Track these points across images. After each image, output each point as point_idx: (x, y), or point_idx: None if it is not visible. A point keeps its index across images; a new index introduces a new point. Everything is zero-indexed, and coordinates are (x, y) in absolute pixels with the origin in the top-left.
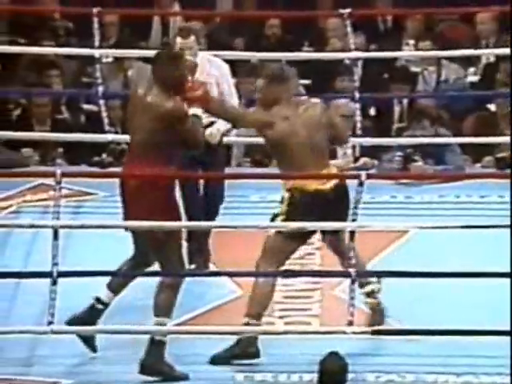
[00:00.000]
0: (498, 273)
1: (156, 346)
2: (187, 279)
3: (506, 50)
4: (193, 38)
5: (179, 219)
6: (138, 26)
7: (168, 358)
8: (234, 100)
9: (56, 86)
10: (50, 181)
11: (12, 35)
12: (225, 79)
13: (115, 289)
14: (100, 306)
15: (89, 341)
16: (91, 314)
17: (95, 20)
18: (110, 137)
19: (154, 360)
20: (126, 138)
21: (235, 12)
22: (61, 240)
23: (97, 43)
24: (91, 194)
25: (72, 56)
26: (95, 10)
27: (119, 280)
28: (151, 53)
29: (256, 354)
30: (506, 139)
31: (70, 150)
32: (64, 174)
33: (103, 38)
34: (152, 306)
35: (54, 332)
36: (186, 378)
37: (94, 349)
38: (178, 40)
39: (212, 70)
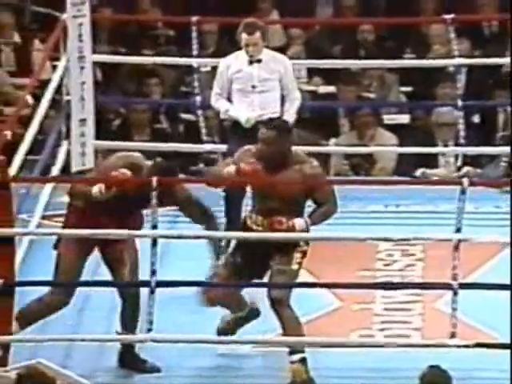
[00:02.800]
0: None
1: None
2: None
3: None
4: (258, 34)
5: None
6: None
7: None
8: (295, 95)
9: (155, 96)
10: None
11: (113, 45)
12: (288, 76)
13: None
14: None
15: None
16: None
17: (194, 29)
18: (207, 147)
19: None
20: (223, 147)
21: (334, 19)
22: (159, 248)
23: (195, 52)
24: None
25: (171, 65)
26: (194, 19)
27: None
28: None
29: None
30: None
31: (167, 160)
32: (161, 183)
33: (202, 46)
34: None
35: (153, 340)
36: None
37: None
38: (244, 36)
39: (277, 66)
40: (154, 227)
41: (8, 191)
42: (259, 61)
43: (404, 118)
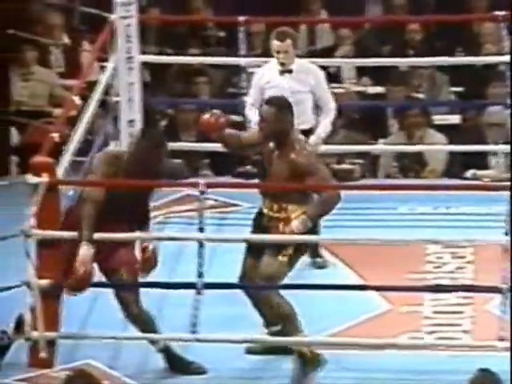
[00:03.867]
0: None
1: None
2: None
3: None
4: (289, 41)
5: None
6: None
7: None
8: (330, 106)
9: (203, 96)
10: (195, 192)
11: (160, 45)
12: (321, 87)
13: None
14: None
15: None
16: None
17: (241, 29)
18: None
19: None
20: None
21: (383, 17)
22: (206, 250)
23: (242, 52)
24: (236, 205)
25: (219, 65)
26: (241, 19)
27: None
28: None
29: None
30: None
31: (215, 161)
32: (208, 185)
33: (250, 47)
34: None
35: (198, 340)
36: None
37: None
38: (275, 42)
39: (308, 79)
40: (201, 230)
41: (56, 193)
42: (290, 71)
43: (454, 119)
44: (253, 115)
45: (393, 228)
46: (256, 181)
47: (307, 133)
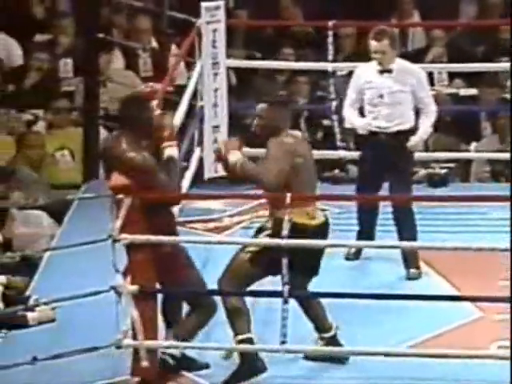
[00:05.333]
0: None
1: None
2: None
3: None
4: (386, 41)
5: None
6: None
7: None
8: (431, 108)
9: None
10: None
11: (248, 48)
12: (422, 87)
13: None
14: None
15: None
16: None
17: (330, 33)
18: (341, 153)
19: None
20: (355, 154)
21: (477, 20)
22: None
23: (330, 57)
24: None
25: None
26: (330, 23)
27: None
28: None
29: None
30: None
31: None
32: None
33: (339, 50)
34: None
35: (287, 351)
36: None
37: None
38: (372, 42)
39: (409, 79)
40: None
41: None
42: (390, 71)
43: None
44: (351, 116)
45: (483, 233)
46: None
47: (406, 133)
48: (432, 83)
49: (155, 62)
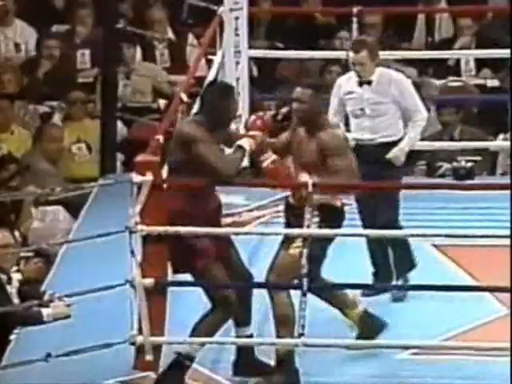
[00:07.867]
0: None
1: None
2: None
3: None
4: (365, 53)
5: None
6: (401, 26)
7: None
8: (418, 117)
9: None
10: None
11: (270, 39)
12: (405, 97)
13: None
14: None
15: None
16: None
17: (354, 20)
18: None
19: None
20: None
21: (508, 7)
22: None
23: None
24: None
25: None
26: (355, 10)
27: None
28: (413, 54)
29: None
30: None
31: None
32: (314, 185)
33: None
34: None
35: (305, 344)
36: None
37: None
38: (350, 54)
39: (391, 90)
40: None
41: (161, 192)
42: (369, 83)
43: None
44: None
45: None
46: None
47: (394, 145)
48: (459, 73)
49: (172, 53)
